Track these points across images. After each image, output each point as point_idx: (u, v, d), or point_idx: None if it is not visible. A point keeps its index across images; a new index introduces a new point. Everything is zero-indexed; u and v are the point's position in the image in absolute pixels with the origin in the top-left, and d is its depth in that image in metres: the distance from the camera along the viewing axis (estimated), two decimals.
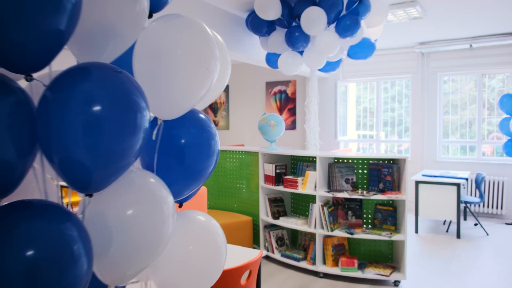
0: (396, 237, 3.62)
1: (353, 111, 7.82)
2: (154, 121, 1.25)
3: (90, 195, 1.05)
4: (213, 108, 9.20)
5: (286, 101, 8.17)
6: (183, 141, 1.28)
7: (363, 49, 4.40)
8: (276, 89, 8.28)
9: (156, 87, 1.17)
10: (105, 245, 1.06)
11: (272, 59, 4.76)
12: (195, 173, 1.33)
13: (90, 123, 0.95)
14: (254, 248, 4.67)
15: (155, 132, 1.23)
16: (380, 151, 7.44)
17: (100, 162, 0.98)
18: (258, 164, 4.46)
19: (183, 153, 1.28)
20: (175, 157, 1.28)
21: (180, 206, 1.57)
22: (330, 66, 4.66)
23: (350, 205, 4.04)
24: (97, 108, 0.95)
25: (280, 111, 8.23)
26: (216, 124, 9.15)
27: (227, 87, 8.96)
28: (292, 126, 8.11)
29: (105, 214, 1.09)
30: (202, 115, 1.38)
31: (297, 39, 4.10)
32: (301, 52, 4.36)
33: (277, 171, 4.28)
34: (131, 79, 1.04)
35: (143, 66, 1.17)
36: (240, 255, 2.36)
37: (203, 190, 2.68)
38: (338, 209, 4.06)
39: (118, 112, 0.98)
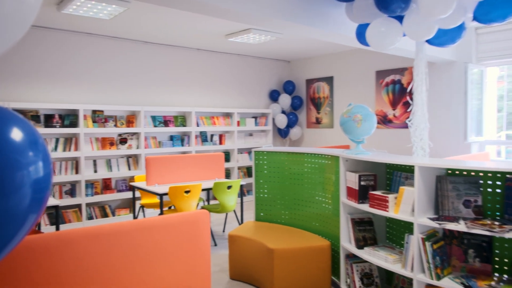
0: None
1: (493, 103, 5.95)
2: None
3: None
4: (316, 103, 8.16)
5: (401, 93, 6.69)
6: None
7: (499, 6, 2.93)
8: (388, 79, 6.87)
9: None
10: None
11: (364, 33, 3.58)
12: None
13: None
14: (332, 280, 3.58)
15: None
16: None
17: None
18: (339, 172, 3.37)
19: None
20: None
21: None
22: (447, 37, 3.27)
23: (472, 241, 2.67)
24: None
25: (393, 105, 6.79)
26: (319, 122, 8.11)
27: (331, 79, 7.84)
28: (407, 124, 6.60)
29: None
30: None
31: None
32: (399, 18, 3.11)
33: (362, 183, 3.12)
34: None
35: None
36: None
37: (204, 214, 1.79)
38: (452, 245, 2.72)
39: None
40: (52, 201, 3.86)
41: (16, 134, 0.95)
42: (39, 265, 1.45)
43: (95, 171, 5.84)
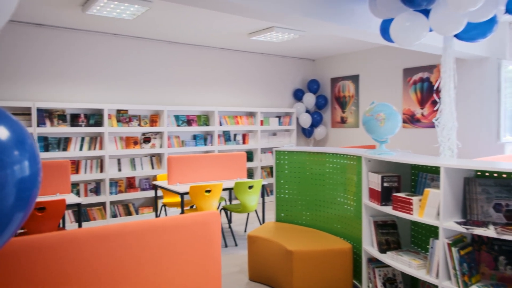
0: None
1: None
2: None
3: None
4: (341, 102, 8.00)
5: (429, 92, 6.46)
6: None
7: None
8: (416, 77, 6.64)
9: None
10: None
11: (388, 29, 3.45)
12: None
13: None
14: (354, 284, 3.47)
15: None
16: None
17: None
18: (361, 173, 3.25)
19: None
20: None
21: None
22: (477, 31, 3.09)
23: (503, 247, 2.51)
24: None
25: (421, 104, 6.57)
26: (344, 121, 7.95)
27: (356, 78, 7.66)
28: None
29: None
30: None
31: None
32: (426, 12, 2.97)
33: (385, 184, 3.00)
34: None
35: None
36: None
37: (215, 215, 1.72)
38: (480, 251, 2.57)
39: None
40: (74, 199, 3.93)
41: (1, 133, 0.94)
42: (45, 266, 1.44)
43: (119, 170, 5.92)
